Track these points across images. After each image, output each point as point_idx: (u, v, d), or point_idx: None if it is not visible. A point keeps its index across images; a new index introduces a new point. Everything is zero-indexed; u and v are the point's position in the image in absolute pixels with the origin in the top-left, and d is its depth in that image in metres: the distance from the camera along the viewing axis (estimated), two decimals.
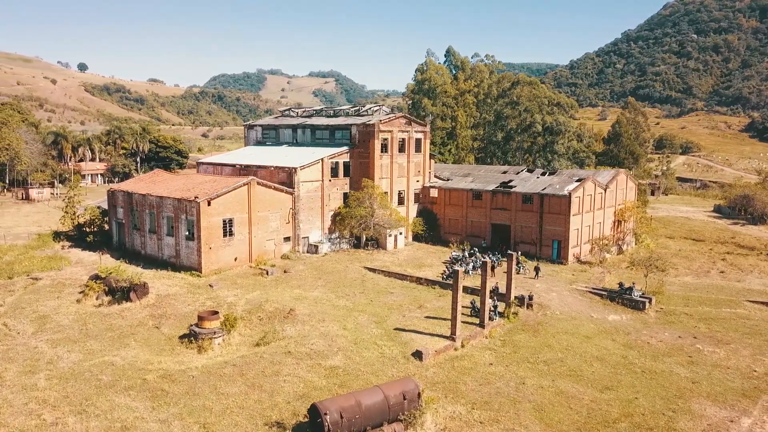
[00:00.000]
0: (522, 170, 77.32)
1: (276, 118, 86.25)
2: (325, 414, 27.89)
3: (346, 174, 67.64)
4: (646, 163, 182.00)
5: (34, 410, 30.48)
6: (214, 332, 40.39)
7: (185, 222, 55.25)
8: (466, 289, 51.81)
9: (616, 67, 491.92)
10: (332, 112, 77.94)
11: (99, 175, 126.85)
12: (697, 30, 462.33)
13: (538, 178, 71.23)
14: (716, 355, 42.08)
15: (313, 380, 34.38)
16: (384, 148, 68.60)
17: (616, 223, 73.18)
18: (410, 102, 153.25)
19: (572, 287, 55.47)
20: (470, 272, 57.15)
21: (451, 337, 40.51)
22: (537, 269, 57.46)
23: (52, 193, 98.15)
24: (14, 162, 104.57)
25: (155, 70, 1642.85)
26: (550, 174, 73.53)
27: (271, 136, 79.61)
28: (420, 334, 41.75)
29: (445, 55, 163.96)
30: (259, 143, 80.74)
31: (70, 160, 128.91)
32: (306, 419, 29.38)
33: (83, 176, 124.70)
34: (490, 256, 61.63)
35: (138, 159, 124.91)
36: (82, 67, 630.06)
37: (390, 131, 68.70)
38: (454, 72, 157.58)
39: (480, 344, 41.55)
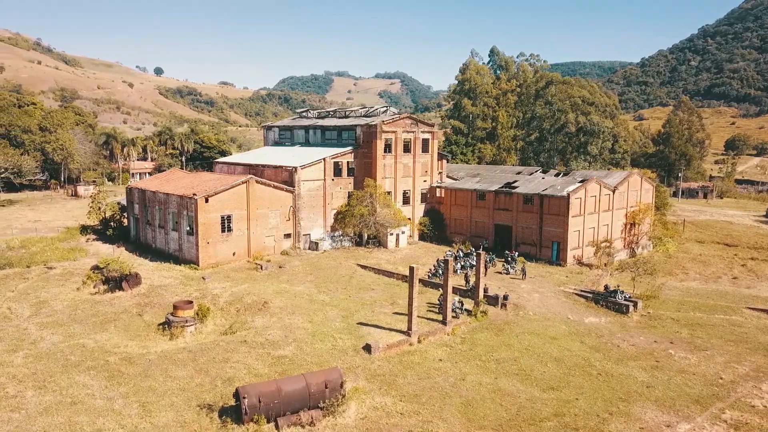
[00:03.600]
0: (536, 171, 76.59)
1: (293, 119, 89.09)
2: (244, 398, 29.71)
3: (350, 174, 69.37)
4: (701, 165, 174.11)
5: (1, 384, 33.74)
6: (186, 321, 42.98)
7: (186, 218, 58.52)
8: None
9: (690, 64, 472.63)
10: (344, 113, 79.91)
11: (147, 174, 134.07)
12: None
13: (543, 178, 70.53)
14: (687, 360, 40.97)
15: (258, 368, 36.22)
16: (387, 148, 69.80)
17: (628, 226, 71.24)
18: (452, 102, 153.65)
19: (559, 289, 54.88)
20: (458, 271, 57.59)
21: (407, 333, 41.39)
22: (523, 270, 57.19)
23: (99, 191, 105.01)
24: (67, 161, 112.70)
25: (227, 73, 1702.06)
26: (564, 175, 72.54)
27: (286, 136, 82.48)
28: (381, 328, 42.85)
29: (489, 55, 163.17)
30: (276, 144, 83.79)
31: (126, 159, 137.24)
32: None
33: (132, 175, 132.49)
34: (488, 256, 61.97)
35: (183, 159, 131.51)
36: (158, 72, 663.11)
37: (394, 132, 69.83)
38: (496, 72, 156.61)
39: (439, 341, 42.19)
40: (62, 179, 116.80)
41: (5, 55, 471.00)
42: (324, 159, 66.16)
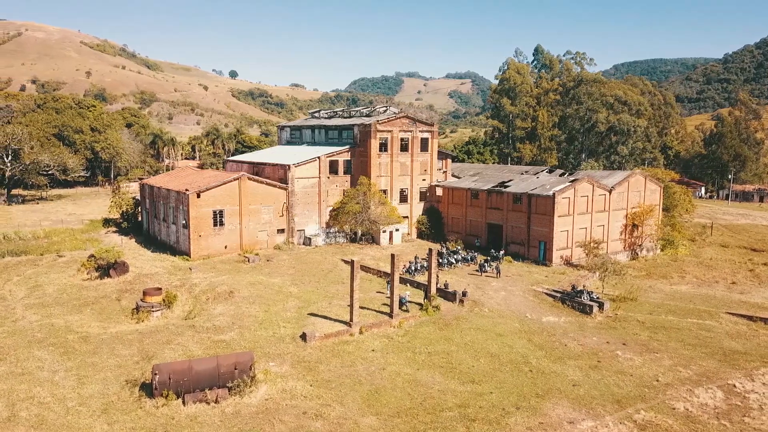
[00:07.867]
0: (541, 171, 75.84)
1: (305, 120, 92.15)
2: (155, 374, 32.39)
3: (347, 171, 71.33)
4: (763, 166, 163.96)
5: None
6: (153, 306, 46.32)
7: (182, 212, 62.36)
8: (412, 283, 53.82)
9: None
10: (348, 113, 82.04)
11: None
12: None
13: (538, 178, 69.88)
14: (630, 362, 40.39)
15: (194, 350, 38.85)
16: (383, 147, 71.27)
17: (629, 228, 69.32)
18: (493, 102, 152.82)
19: (530, 288, 54.64)
20: (445, 267, 58.54)
21: (348, 324, 42.96)
22: (497, 269, 57.29)
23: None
24: (115, 159, 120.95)
25: (300, 75, 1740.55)
26: (569, 175, 71.51)
27: (296, 136, 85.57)
28: (328, 319, 44.62)
29: (533, 54, 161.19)
30: (288, 143, 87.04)
31: (171, 158, 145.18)
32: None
33: None
34: (470, 254, 62.83)
35: (225, 157, 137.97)
36: (233, 75, 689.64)
37: (390, 131, 71.21)
38: (538, 71, 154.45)
39: (381, 333, 43.42)
40: (111, 176, 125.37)
41: (93, 61, 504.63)
42: (319, 157, 68.53)
